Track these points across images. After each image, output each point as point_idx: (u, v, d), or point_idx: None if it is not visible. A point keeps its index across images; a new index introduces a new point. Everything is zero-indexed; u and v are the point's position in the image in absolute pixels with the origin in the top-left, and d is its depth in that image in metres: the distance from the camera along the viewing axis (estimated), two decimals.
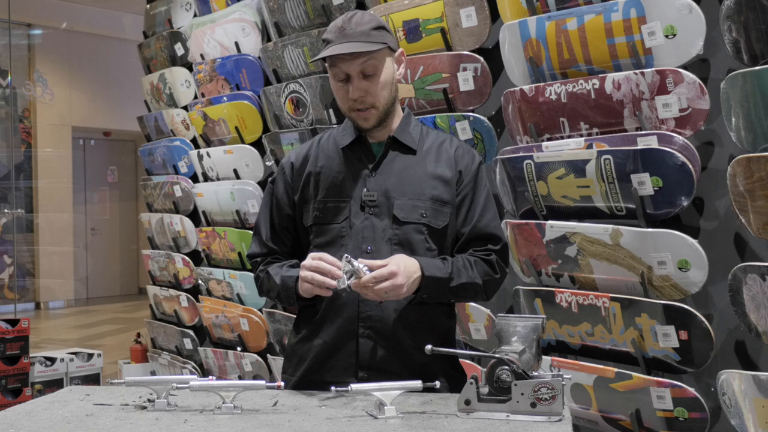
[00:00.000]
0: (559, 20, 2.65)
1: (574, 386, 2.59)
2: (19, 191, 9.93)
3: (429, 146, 1.98)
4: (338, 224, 1.92)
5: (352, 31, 1.85)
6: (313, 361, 1.92)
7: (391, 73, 1.92)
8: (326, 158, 1.99)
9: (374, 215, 1.91)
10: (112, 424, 1.55)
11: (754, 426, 2.13)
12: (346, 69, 1.87)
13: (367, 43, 1.84)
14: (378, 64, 1.87)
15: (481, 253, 1.94)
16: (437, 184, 1.93)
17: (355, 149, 1.98)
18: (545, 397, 1.52)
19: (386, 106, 1.92)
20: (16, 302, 9.03)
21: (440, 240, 1.93)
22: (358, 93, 1.87)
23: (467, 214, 1.95)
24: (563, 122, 2.66)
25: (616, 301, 2.49)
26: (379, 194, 1.91)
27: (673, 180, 2.36)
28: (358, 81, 1.87)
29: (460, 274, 1.87)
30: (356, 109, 1.90)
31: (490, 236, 1.95)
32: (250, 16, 4.21)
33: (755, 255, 2.36)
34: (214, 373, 4.51)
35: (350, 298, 1.87)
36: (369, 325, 1.87)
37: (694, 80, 2.36)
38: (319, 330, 1.93)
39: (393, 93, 1.94)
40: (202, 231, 4.59)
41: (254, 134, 4.24)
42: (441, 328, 1.95)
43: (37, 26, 10.32)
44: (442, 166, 1.95)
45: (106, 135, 11.71)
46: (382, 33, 1.88)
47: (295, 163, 2.03)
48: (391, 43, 1.90)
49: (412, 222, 1.90)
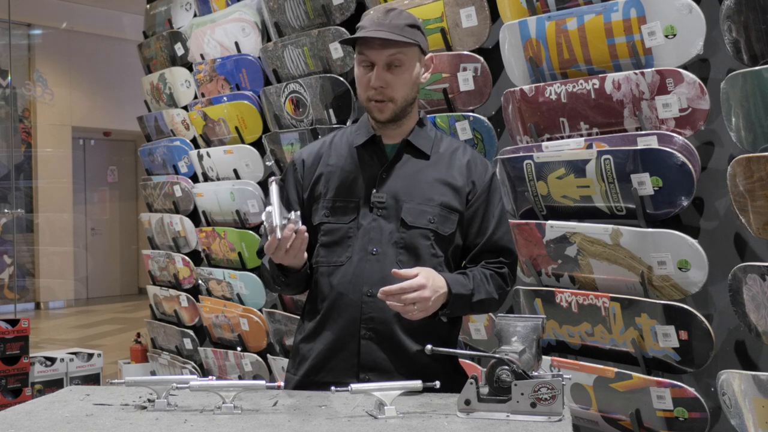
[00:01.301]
0: (559, 20, 2.65)
1: (574, 386, 2.59)
2: (19, 191, 9.92)
3: (442, 152, 1.97)
4: (346, 224, 1.92)
5: (389, 23, 1.84)
6: (314, 362, 1.92)
7: (416, 73, 1.91)
8: (338, 157, 1.98)
9: (382, 217, 1.90)
10: (112, 424, 1.55)
11: (754, 426, 2.13)
12: (373, 57, 1.86)
13: (401, 36, 1.83)
14: (405, 59, 1.87)
15: (494, 266, 1.94)
16: (447, 191, 1.92)
17: (369, 149, 1.97)
18: (545, 397, 1.52)
19: (404, 103, 1.91)
20: (16, 302, 9.03)
21: (446, 246, 1.92)
22: (379, 82, 1.86)
23: (481, 226, 1.94)
24: (563, 122, 2.66)
25: (616, 301, 2.49)
26: (388, 197, 1.91)
27: (673, 180, 2.36)
28: (382, 71, 1.86)
29: (480, 289, 1.87)
30: (374, 99, 1.89)
31: (503, 249, 1.95)
32: (250, 16, 4.21)
33: (755, 255, 2.36)
34: (214, 373, 4.51)
35: (353, 299, 1.87)
36: (371, 327, 1.87)
37: (694, 80, 2.36)
38: (321, 330, 1.93)
39: (413, 93, 1.93)
40: (202, 231, 4.59)
41: (254, 134, 4.24)
42: (443, 331, 1.94)
43: (37, 26, 10.32)
44: (453, 173, 1.94)
45: (106, 135, 11.71)
46: (416, 32, 1.88)
47: (307, 160, 2.02)
48: (422, 44, 1.90)
49: (420, 227, 1.89)
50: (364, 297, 1.87)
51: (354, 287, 1.87)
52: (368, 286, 1.86)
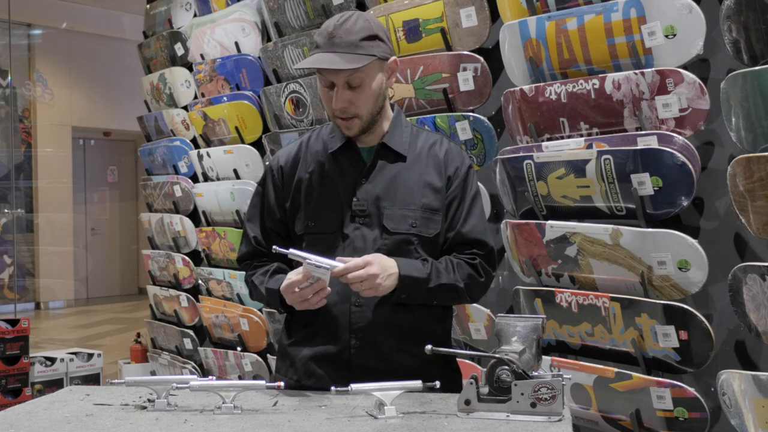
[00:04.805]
0: (559, 20, 2.65)
1: (574, 386, 2.59)
2: (19, 191, 9.92)
3: (419, 150, 1.95)
4: (330, 234, 1.90)
5: (341, 40, 1.80)
6: (304, 369, 1.91)
7: (378, 84, 1.86)
8: (316, 163, 1.95)
9: (365, 225, 1.89)
10: (112, 424, 1.55)
11: (754, 426, 2.14)
12: (331, 78, 1.83)
13: (354, 55, 1.79)
14: (364, 77, 1.83)
15: (466, 257, 1.92)
16: (428, 192, 1.91)
17: (345, 154, 1.94)
18: (545, 397, 1.52)
19: (371, 116, 1.88)
20: (16, 302, 9.03)
21: (431, 248, 1.91)
22: (341, 104, 1.84)
23: (453, 218, 1.93)
24: (563, 122, 2.66)
25: (616, 301, 2.49)
26: (369, 203, 1.89)
27: (673, 180, 2.36)
28: (343, 91, 1.83)
29: (440, 275, 1.86)
30: (340, 117, 1.87)
31: (475, 241, 1.93)
32: (250, 16, 4.21)
33: (755, 255, 2.36)
34: (214, 373, 4.51)
35: (342, 309, 1.86)
36: (360, 336, 1.86)
37: (694, 80, 2.35)
38: (310, 339, 1.92)
39: (380, 103, 1.89)
40: (202, 231, 4.59)
41: (254, 134, 4.24)
42: (434, 333, 1.92)
43: (37, 26, 10.31)
44: (432, 173, 1.93)
45: (106, 135, 11.71)
46: (373, 43, 1.82)
47: (285, 166, 1.99)
48: (381, 54, 1.84)
49: (402, 233, 1.88)
50: (353, 307, 1.86)
51: (342, 297, 1.85)
52: (356, 296, 1.84)
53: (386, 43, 1.87)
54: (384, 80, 1.89)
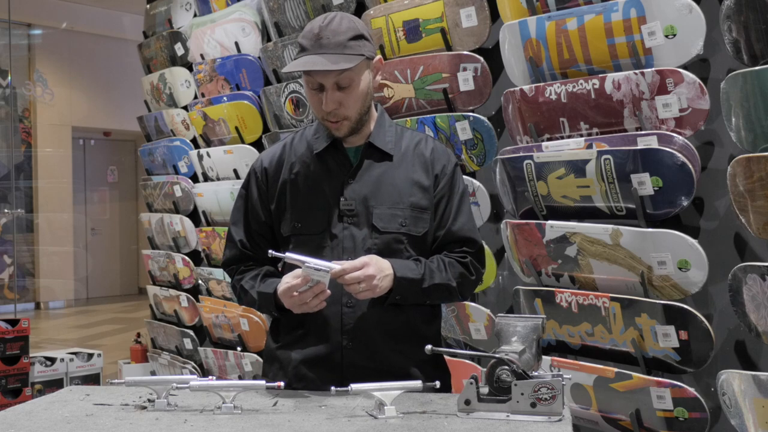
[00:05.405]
0: (559, 20, 2.65)
1: (574, 386, 2.59)
2: (19, 191, 9.92)
3: (405, 148, 1.95)
4: (317, 234, 1.89)
5: (328, 41, 1.79)
6: (294, 372, 1.90)
7: (366, 84, 1.86)
8: (301, 164, 1.94)
9: (354, 225, 1.88)
10: (112, 424, 1.55)
11: (754, 426, 2.14)
12: (320, 80, 1.82)
13: (343, 56, 1.78)
14: (354, 76, 1.82)
15: (456, 255, 1.93)
16: (415, 190, 1.91)
17: (331, 154, 1.94)
18: (545, 397, 1.52)
19: (359, 116, 1.88)
20: (16, 302, 9.03)
21: (421, 246, 1.92)
22: (332, 105, 1.83)
23: (442, 217, 1.93)
24: (563, 122, 2.67)
25: (616, 301, 2.49)
26: (357, 203, 1.88)
27: (673, 180, 2.36)
28: (332, 93, 1.82)
29: (433, 275, 1.86)
30: (329, 119, 1.87)
31: (464, 240, 1.94)
32: (250, 16, 4.21)
33: (755, 255, 2.36)
34: (214, 373, 4.51)
35: (333, 310, 1.85)
36: (353, 337, 1.86)
37: (694, 80, 2.36)
38: (300, 342, 1.91)
39: (368, 103, 1.89)
40: (202, 231, 4.59)
41: (254, 134, 4.24)
42: (425, 333, 1.93)
43: (37, 26, 10.32)
44: (419, 171, 1.92)
45: (106, 135, 11.72)
46: (359, 43, 1.82)
47: (269, 168, 1.97)
48: (368, 53, 1.84)
49: (392, 231, 1.88)
50: (344, 308, 1.86)
51: (333, 298, 1.82)
52: (347, 296, 1.84)
53: (371, 42, 1.88)
54: (371, 79, 1.89)
